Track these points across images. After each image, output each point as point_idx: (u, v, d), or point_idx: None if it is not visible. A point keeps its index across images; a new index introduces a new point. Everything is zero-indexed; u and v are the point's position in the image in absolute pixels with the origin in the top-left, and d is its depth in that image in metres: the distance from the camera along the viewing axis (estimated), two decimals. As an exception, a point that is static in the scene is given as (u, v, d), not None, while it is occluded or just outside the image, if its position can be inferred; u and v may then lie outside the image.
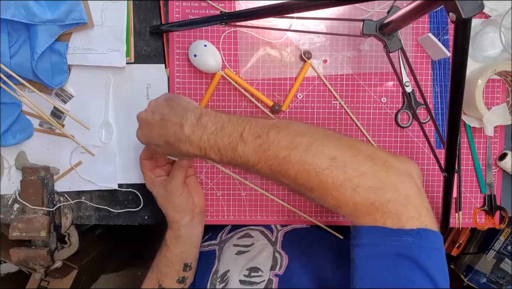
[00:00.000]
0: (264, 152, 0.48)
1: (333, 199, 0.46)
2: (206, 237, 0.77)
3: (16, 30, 0.66)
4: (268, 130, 0.49)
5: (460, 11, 0.38)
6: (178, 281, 0.67)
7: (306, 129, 0.49)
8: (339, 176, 0.45)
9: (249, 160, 0.49)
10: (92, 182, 0.74)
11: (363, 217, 0.45)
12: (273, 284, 0.60)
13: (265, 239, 0.70)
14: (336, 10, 0.71)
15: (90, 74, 0.71)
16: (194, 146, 0.51)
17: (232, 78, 0.71)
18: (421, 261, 0.43)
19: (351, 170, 0.45)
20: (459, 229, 1.18)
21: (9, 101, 0.69)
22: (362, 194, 0.44)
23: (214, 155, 0.51)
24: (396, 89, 0.74)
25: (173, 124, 0.53)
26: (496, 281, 1.21)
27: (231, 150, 0.49)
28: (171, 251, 0.67)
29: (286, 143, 0.47)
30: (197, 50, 0.69)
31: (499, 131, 0.74)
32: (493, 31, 0.69)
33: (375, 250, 0.44)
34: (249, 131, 0.49)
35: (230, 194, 0.75)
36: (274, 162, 0.48)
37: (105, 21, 0.70)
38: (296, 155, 0.46)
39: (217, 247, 0.72)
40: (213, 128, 0.51)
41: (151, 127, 0.56)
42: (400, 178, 0.46)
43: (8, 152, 0.72)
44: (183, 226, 0.66)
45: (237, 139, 0.49)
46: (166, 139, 0.54)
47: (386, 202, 0.44)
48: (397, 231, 0.44)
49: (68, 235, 0.77)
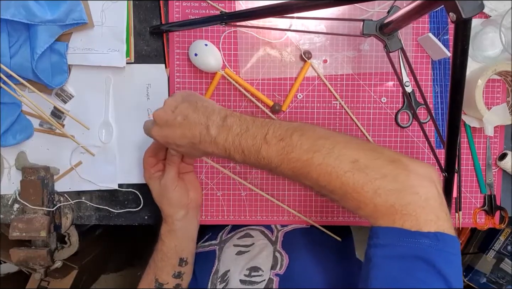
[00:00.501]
0: (287, 154, 0.49)
1: (354, 201, 0.46)
2: (206, 237, 0.77)
3: (16, 30, 0.66)
4: (292, 134, 0.49)
5: (460, 11, 0.38)
6: (174, 276, 0.67)
7: (328, 133, 0.50)
8: (360, 178, 0.46)
9: (272, 162, 0.50)
10: (92, 182, 0.74)
11: (382, 218, 0.45)
12: (274, 284, 0.60)
13: (265, 238, 0.70)
14: (336, 10, 0.71)
15: (90, 74, 0.72)
16: (219, 147, 0.52)
17: (232, 78, 0.71)
18: (437, 264, 0.42)
19: (372, 172, 0.46)
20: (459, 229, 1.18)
21: (9, 101, 0.69)
22: (382, 196, 0.45)
23: (238, 156, 0.52)
24: (396, 89, 0.74)
25: (198, 125, 0.53)
26: (496, 281, 1.21)
27: (254, 152, 0.50)
28: (166, 245, 0.67)
29: (308, 146, 0.48)
30: (197, 49, 0.69)
31: (499, 131, 0.74)
32: (493, 31, 0.69)
33: (392, 251, 0.44)
34: (273, 134, 0.50)
35: (230, 194, 0.75)
36: (297, 164, 0.48)
37: (105, 21, 0.70)
38: (319, 157, 0.47)
39: (217, 247, 0.72)
40: (238, 130, 0.51)
41: (173, 127, 0.55)
42: (421, 181, 0.46)
43: (8, 152, 0.72)
44: (178, 220, 0.66)
45: (261, 141, 0.50)
46: (190, 141, 0.54)
47: (406, 204, 0.44)
48: (415, 233, 0.43)
49: (68, 235, 0.77)
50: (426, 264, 0.43)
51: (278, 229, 0.73)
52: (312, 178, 0.48)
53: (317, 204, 0.75)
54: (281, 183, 0.75)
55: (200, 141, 0.53)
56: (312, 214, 0.75)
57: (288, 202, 0.75)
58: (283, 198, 0.75)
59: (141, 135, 0.72)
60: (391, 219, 0.45)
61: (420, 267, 0.43)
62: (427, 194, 0.45)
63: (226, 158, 0.53)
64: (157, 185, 0.66)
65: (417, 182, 0.46)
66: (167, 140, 0.57)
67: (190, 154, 0.59)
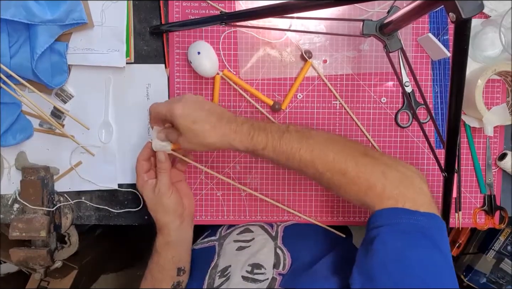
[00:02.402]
0: (307, 139, 0.57)
1: (364, 183, 0.54)
2: (206, 234, 0.76)
3: (16, 30, 0.66)
4: (309, 129, 0.60)
5: (460, 11, 0.38)
6: (173, 286, 0.67)
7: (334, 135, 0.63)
8: (371, 161, 0.56)
9: (293, 146, 0.56)
10: (92, 182, 0.74)
11: (388, 199, 0.53)
12: (277, 283, 0.60)
13: (266, 233, 0.70)
14: (336, 10, 0.71)
15: (90, 74, 0.72)
16: (244, 132, 0.58)
17: (231, 79, 0.71)
18: (434, 239, 0.51)
19: (378, 161, 0.56)
20: (459, 229, 1.18)
21: (9, 101, 0.69)
22: (389, 179, 0.54)
23: (261, 138, 0.57)
24: (396, 89, 0.74)
25: (221, 128, 0.58)
26: (496, 281, 1.21)
27: (278, 138, 0.57)
28: (163, 257, 0.66)
29: (325, 138, 0.58)
30: (192, 56, 0.69)
31: (499, 131, 0.74)
32: (493, 31, 0.69)
33: (396, 227, 0.51)
34: (294, 128, 0.59)
35: (230, 194, 0.75)
36: (315, 147, 0.56)
37: (105, 21, 0.70)
38: (334, 145, 0.57)
39: (216, 242, 0.72)
40: (262, 124, 0.59)
41: (201, 137, 0.57)
42: (414, 173, 0.57)
43: (8, 152, 0.72)
44: (173, 230, 0.65)
45: (284, 130, 0.58)
46: (217, 147, 0.59)
47: (406, 189, 0.54)
48: (415, 212, 0.52)
49: (68, 235, 0.77)
50: (426, 238, 0.50)
51: (277, 224, 0.73)
52: (327, 160, 0.56)
53: (317, 204, 0.75)
54: (281, 183, 0.75)
55: (228, 141, 0.58)
56: (312, 214, 0.75)
57: (288, 202, 0.75)
58: (283, 198, 0.75)
59: (141, 135, 0.72)
60: (395, 200, 0.53)
61: (421, 240, 0.50)
62: (420, 183, 0.56)
63: (248, 143, 0.57)
64: (151, 193, 0.64)
65: (412, 174, 0.56)
66: (193, 148, 0.59)
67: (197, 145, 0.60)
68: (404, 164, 0.58)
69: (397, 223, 0.51)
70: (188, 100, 0.58)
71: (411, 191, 0.54)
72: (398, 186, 0.54)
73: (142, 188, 0.65)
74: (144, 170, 0.65)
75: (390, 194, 0.54)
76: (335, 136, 0.61)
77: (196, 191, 0.75)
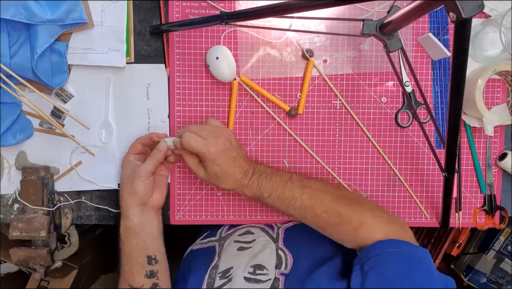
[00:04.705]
0: (307, 188, 0.64)
1: (358, 219, 0.62)
2: (205, 234, 0.76)
3: (16, 30, 0.66)
4: (308, 179, 0.68)
5: (460, 11, 0.38)
6: (147, 276, 0.65)
7: None
8: (364, 205, 0.65)
9: (295, 194, 0.64)
10: (92, 182, 0.74)
11: (379, 233, 0.61)
12: (280, 283, 0.60)
13: (266, 235, 0.70)
14: (336, 10, 0.71)
15: (90, 74, 0.72)
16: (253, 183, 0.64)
17: (248, 85, 0.72)
18: (430, 267, 0.57)
19: (369, 205, 0.66)
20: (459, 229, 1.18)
21: (9, 101, 0.69)
22: (377, 215, 0.63)
23: (267, 187, 0.64)
24: (396, 89, 0.74)
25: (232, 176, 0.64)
26: (496, 281, 1.21)
27: (282, 186, 0.64)
28: (126, 245, 0.66)
29: (322, 184, 0.68)
30: (210, 61, 0.69)
31: (499, 131, 0.74)
32: (493, 31, 0.69)
33: (396, 254, 0.58)
34: (296, 177, 0.66)
35: (230, 194, 0.75)
36: (314, 193, 0.64)
37: (105, 21, 0.70)
38: (330, 189, 0.67)
39: (217, 243, 0.72)
40: (269, 172, 0.66)
41: (221, 182, 0.65)
42: (396, 216, 0.70)
43: (8, 151, 0.72)
44: (133, 215, 0.66)
45: (287, 179, 0.65)
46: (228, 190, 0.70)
47: (393, 224, 0.63)
48: (408, 243, 0.60)
49: (68, 235, 0.77)
50: (423, 266, 0.57)
51: (278, 226, 0.73)
52: (324, 203, 0.63)
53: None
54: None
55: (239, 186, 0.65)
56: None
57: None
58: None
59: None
60: (385, 234, 0.60)
61: (419, 267, 0.57)
62: (403, 223, 0.66)
63: (256, 192, 0.65)
64: (130, 169, 0.67)
65: (393, 214, 0.69)
66: (211, 181, 0.65)
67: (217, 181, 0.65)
68: (384, 209, 0.67)
69: (395, 251, 0.58)
70: (221, 146, 0.63)
71: (398, 227, 0.62)
72: (386, 223, 0.62)
73: (125, 163, 0.69)
74: (136, 150, 0.69)
75: (380, 229, 0.61)
76: (328, 184, 0.71)
77: (196, 191, 0.75)
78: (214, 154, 0.62)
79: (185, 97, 0.73)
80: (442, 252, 1.25)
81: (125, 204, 0.66)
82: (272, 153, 0.74)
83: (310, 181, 0.67)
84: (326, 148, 0.74)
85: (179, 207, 0.75)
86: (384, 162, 0.75)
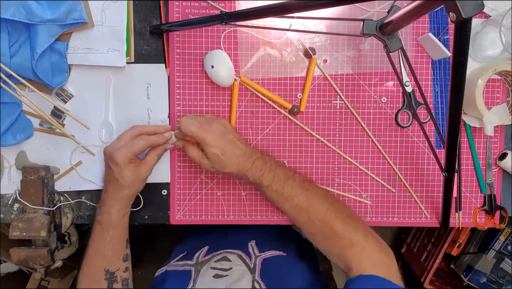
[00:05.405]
0: (307, 190, 0.64)
1: (349, 239, 0.61)
2: (181, 256, 0.76)
3: (16, 30, 0.66)
4: (310, 182, 0.68)
5: (460, 11, 0.38)
6: (123, 260, 0.68)
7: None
8: (355, 225, 0.64)
9: (293, 192, 0.64)
10: (92, 182, 0.74)
11: (366, 261, 0.60)
12: None
13: (244, 264, 0.70)
14: (336, 10, 0.71)
15: (90, 74, 0.72)
16: (257, 169, 0.64)
17: (249, 85, 0.72)
18: None
19: (362, 226, 0.65)
20: (459, 229, 1.18)
21: (9, 101, 0.69)
22: (369, 242, 0.62)
23: (268, 178, 0.64)
24: (396, 89, 0.74)
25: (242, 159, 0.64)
26: (496, 281, 1.21)
27: (282, 181, 0.64)
28: (118, 231, 0.67)
29: (324, 192, 0.67)
30: (207, 68, 0.70)
31: (499, 131, 0.74)
32: (493, 31, 0.69)
33: None
34: (299, 176, 0.66)
35: (230, 194, 0.75)
36: (313, 198, 0.64)
37: (105, 21, 0.70)
38: (329, 203, 0.64)
39: (193, 268, 0.71)
40: (273, 164, 0.66)
41: (223, 166, 0.64)
42: (387, 247, 0.64)
43: (8, 151, 0.72)
44: (129, 203, 0.68)
45: (290, 176, 0.65)
46: (232, 175, 0.67)
47: (383, 255, 0.62)
48: (388, 281, 0.59)
49: (68, 235, 0.77)
50: None
51: (256, 255, 0.72)
52: (320, 211, 0.63)
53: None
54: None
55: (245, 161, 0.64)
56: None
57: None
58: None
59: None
60: (373, 263, 0.60)
61: None
62: (393, 257, 0.63)
63: (257, 179, 0.64)
64: (135, 168, 0.65)
65: (385, 244, 0.64)
66: (216, 169, 0.64)
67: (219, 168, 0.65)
68: (377, 235, 0.65)
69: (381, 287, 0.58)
70: (216, 130, 0.64)
71: (387, 258, 0.62)
72: (376, 251, 0.61)
73: (125, 156, 0.64)
74: (134, 135, 0.66)
75: (368, 256, 0.61)
76: (330, 194, 0.69)
77: (197, 191, 0.75)
78: (211, 137, 0.62)
79: (185, 97, 0.73)
80: (442, 252, 1.26)
81: (127, 195, 0.67)
82: (272, 153, 0.74)
83: (312, 184, 0.67)
84: (326, 148, 0.74)
85: (179, 207, 0.75)
86: (384, 162, 0.75)
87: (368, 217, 0.75)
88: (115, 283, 0.67)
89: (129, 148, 0.63)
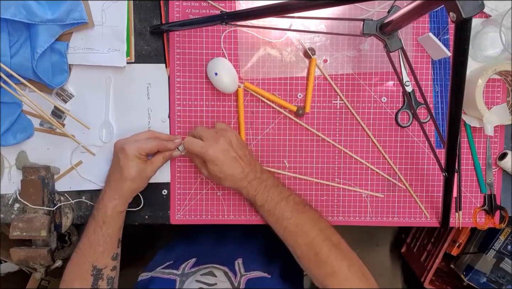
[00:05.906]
0: (299, 213, 0.65)
1: (331, 268, 0.62)
2: (168, 264, 0.76)
3: (16, 30, 0.66)
4: (304, 205, 0.67)
5: (460, 11, 0.38)
6: (113, 258, 0.68)
7: None
8: (341, 254, 0.64)
9: (284, 215, 0.65)
10: (93, 182, 0.74)
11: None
12: None
13: (228, 282, 0.69)
14: (336, 10, 0.71)
15: (91, 74, 0.72)
16: (252, 188, 0.66)
17: (253, 90, 0.72)
18: None
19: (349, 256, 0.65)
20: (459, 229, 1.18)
21: (10, 100, 0.69)
22: (352, 272, 0.63)
23: (262, 198, 0.66)
24: (396, 88, 0.74)
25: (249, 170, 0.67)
26: (496, 281, 1.21)
27: (275, 203, 0.66)
28: (112, 227, 0.67)
29: (316, 217, 0.67)
30: (210, 76, 0.70)
31: (499, 131, 0.74)
32: (493, 31, 0.69)
33: None
34: (293, 199, 0.67)
35: (230, 194, 0.75)
36: (302, 223, 0.64)
37: (105, 21, 0.70)
38: (318, 228, 0.65)
39: (178, 278, 0.71)
40: (269, 184, 0.67)
41: (222, 180, 0.67)
42: (371, 277, 0.65)
43: (8, 151, 0.73)
44: (128, 200, 0.68)
45: (283, 198, 0.66)
46: (229, 188, 0.70)
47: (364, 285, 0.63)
48: None
49: (68, 235, 0.77)
50: None
51: (241, 274, 0.72)
52: (308, 237, 0.64)
53: (316, 204, 0.75)
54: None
55: (242, 179, 0.66)
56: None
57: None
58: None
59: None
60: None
61: None
62: (375, 284, 0.64)
63: (251, 196, 0.67)
64: (141, 164, 0.66)
65: (369, 275, 0.65)
66: (217, 176, 0.66)
67: (221, 180, 0.67)
68: (364, 267, 0.65)
69: None
70: (220, 147, 0.65)
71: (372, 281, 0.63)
72: (358, 282, 0.62)
73: (135, 156, 0.66)
74: (147, 137, 0.69)
75: (350, 286, 0.62)
76: (323, 219, 0.68)
77: (197, 191, 0.75)
78: (213, 155, 0.64)
79: (185, 97, 0.73)
80: (442, 251, 1.26)
81: (128, 188, 0.67)
82: (272, 153, 0.74)
83: (306, 208, 0.67)
84: (326, 147, 0.74)
85: (179, 207, 0.75)
86: (384, 162, 0.75)
87: (368, 217, 0.76)
88: (100, 280, 0.67)
89: (141, 144, 0.66)
